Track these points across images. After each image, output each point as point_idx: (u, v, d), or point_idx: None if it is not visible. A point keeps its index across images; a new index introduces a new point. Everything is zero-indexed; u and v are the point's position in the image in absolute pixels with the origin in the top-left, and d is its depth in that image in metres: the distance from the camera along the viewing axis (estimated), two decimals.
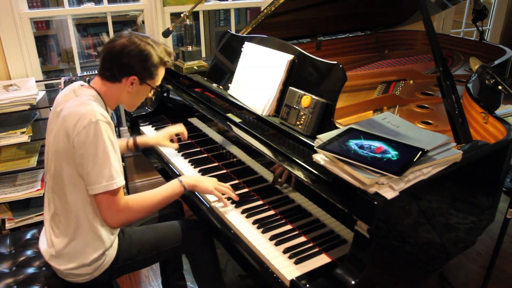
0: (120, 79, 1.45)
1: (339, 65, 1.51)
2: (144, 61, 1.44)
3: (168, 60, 1.52)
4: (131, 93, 1.49)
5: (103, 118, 1.34)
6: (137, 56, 1.43)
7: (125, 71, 1.44)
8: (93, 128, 1.31)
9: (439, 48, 1.49)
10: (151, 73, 1.48)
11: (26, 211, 2.34)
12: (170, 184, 1.56)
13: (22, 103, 2.15)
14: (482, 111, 1.60)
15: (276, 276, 1.28)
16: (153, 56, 1.46)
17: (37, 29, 2.72)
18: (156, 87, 1.54)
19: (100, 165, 1.32)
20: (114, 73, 1.44)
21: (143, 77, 1.47)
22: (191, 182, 1.59)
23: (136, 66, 1.44)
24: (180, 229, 1.67)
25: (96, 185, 1.33)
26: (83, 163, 1.33)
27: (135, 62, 1.43)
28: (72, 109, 1.36)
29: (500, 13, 4.15)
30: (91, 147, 1.31)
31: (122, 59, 1.42)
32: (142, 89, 1.51)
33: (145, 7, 2.64)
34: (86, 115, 1.32)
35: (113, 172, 1.34)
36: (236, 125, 1.70)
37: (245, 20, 3.38)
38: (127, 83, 1.46)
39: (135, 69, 1.44)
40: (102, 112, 1.36)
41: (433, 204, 1.31)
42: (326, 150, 1.21)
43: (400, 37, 2.99)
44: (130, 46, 1.42)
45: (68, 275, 1.48)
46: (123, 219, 1.42)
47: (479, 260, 2.42)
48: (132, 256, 1.58)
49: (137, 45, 1.43)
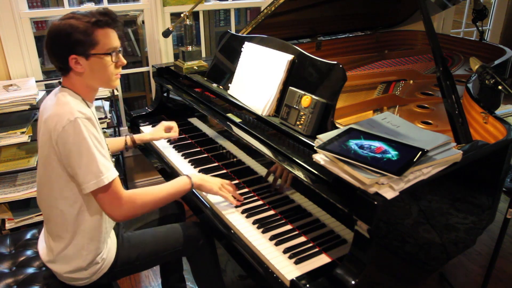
0: (67, 66, 1.35)
1: (339, 65, 1.51)
2: (67, 36, 1.31)
3: (101, 19, 1.34)
4: (88, 72, 1.37)
5: (81, 115, 1.30)
6: (60, 35, 1.32)
7: (61, 56, 1.34)
8: (72, 127, 1.28)
9: (439, 48, 1.49)
10: (86, 43, 1.32)
11: (26, 211, 2.34)
12: (178, 179, 1.54)
13: (22, 103, 2.15)
14: (482, 111, 1.60)
15: (276, 276, 1.28)
16: (74, 26, 1.31)
17: (37, 29, 2.72)
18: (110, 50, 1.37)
19: (86, 163, 1.29)
20: (58, 65, 1.37)
21: (82, 51, 1.33)
22: (198, 181, 1.57)
23: (65, 45, 1.32)
24: (180, 232, 1.66)
25: (86, 184, 1.31)
26: (70, 164, 1.31)
27: (61, 42, 1.32)
28: (50, 111, 1.33)
29: (500, 13, 4.15)
30: (74, 146, 1.29)
31: (52, 47, 1.35)
32: (94, 62, 1.36)
33: (145, 7, 2.64)
34: (63, 115, 1.29)
35: (101, 167, 1.31)
36: (236, 125, 1.70)
37: (245, 20, 3.38)
38: (74, 65, 1.34)
39: (66, 48, 1.32)
40: (80, 108, 1.32)
41: (433, 204, 1.31)
42: (326, 150, 1.21)
43: (400, 37, 2.99)
44: (51, 32, 1.33)
45: (67, 279, 1.48)
46: (127, 212, 1.38)
47: (479, 260, 2.42)
48: (132, 260, 1.57)
49: (55, 27, 1.32)
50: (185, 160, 1.93)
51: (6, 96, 2.15)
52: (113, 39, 1.38)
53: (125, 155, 2.82)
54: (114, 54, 1.39)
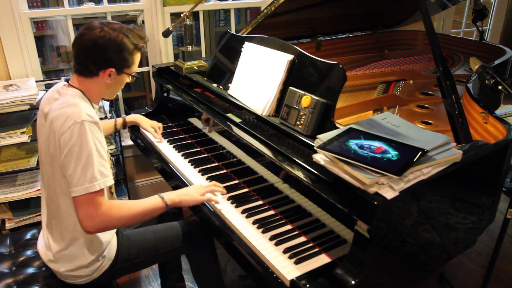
0: (97, 73, 1.41)
1: (339, 65, 1.51)
2: (118, 52, 1.40)
3: (142, 45, 1.48)
4: (110, 84, 1.46)
5: (89, 118, 1.32)
6: (111, 47, 1.38)
7: (101, 64, 1.40)
8: (77, 129, 1.29)
9: (439, 48, 1.49)
10: (127, 62, 1.44)
11: (26, 211, 2.34)
12: (151, 198, 1.48)
13: (22, 103, 2.15)
14: (482, 111, 1.60)
15: (276, 276, 1.28)
16: (126, 45, 1.41)
17: (37, 29, 2.72)
18: (135, 73, 1.51)
19: (82, 166, 1.29)
20: (90, 68, 1.40)
21: (120, 68, 1.44)
22: (176, 199, 1.51)
23: (112, 58, 1.40)
24: (179, 230, 1.67)
25: (78, 187, 1.29)
26: (66, 163, 1.30)
27: (110, 54, 1.39)
28: (59, 110, 1.34)
29: (500, 13, 4.15)
30: (75, 148, 1.29)
31: (96, 53, 1.38)
32: (120, 78, 1.47)
33: (145, 7, 2.64)
34: (71, 116, 1.30)
35: (96, 174, 1.30)
36: (236, 125, 1.70)
37: (245, 20, 3.38)
38: (105, 76, 1.42)
39: (111, 61, 1.40)
40: (89, 111, 1.34)
41: (433, 204, 1.31)
42: (326, 150, 1.21)
43: (400, 37, 2.99)
44: (102, 38, 1.37)
45: (67, 277, 1.49)
46: (100, 224, 1.33)
47: (479, 260, 2.42)
48: (132, 258, 1.58)
49: (109, 36, 1.38)
50: (185, 160, 1.93)
51: (6, 96, 2.15)
52: (138, 63, 1.52)
53: (125, 155, 2.82)
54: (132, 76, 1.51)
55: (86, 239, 1.44)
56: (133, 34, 1.44)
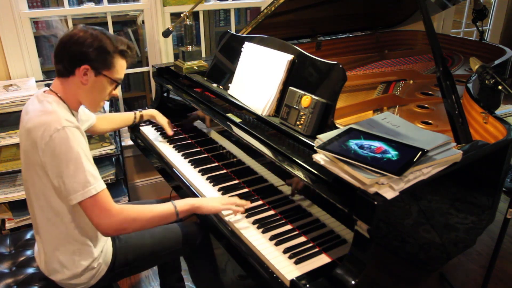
0: (73, 71, 1.34)
1: (339, 65, 1.51)
2: (95, 48, 1.32)
3: (125, 50, 1.40)
4: (87, 87, 1.37)
5: (69, 124, 1.27)
6: (87, 42, 1.32)
7: (76, 60, 1.33)
8: (59, 136, 1.24)
9: (439, 48, 1.49)
10: (105, 62, 1.35)
11: (26, 211, 2.32)
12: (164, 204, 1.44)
13: (22, 103, 2.15)
14: (482, 111, 1.60)
15: (276, 276, 1.28)
16: (105, 44, 1.34)
17: (37, 29, 2.72)
18: (117, 80, 1.42)
19: (73, 172, 1.25)
20: (65, 65, 1.34)
21: (97, 67, 1.35)
22: (196, 204, 1.47)
23: (87, 53, 1.32)
24: (177, 232, 1.66)
25: (74, 194, 1.26)
26: (57, 173, 1.27)
27: (85, 49, 1.31)
28: (36, 119, 1.29)
29: (500, 13, 4.15)
30: (62, 156, 1.25)
31: (71, 47, 1.32)
32: (99, 81, 1.37)
33: (145, 7, 2.64)
34: (51, 124, 1.25)
35: (89, 178, 1.26)
36: (236, 125, 1.70)
37: (245, 20, 3.38)
38: (80, 73, 1.34)
39: (86, 56, 1.32)
40: (67, 117, 1.30)
41: (433, 204, 1.31)
42: (326, 150, 1.21)
43: (400, 37, 2.99)
44: (79, 33, 1.32)
45: (65, 285, 1.47)
46: (117, 225, 1.31)
47: (479, 260, 2.42)
48: (129, 262, 1.57)
49: (89, 33, 1.33)
50: (185, 160, 1.93)
51: (6, 96, 2.15)
52: (123, 72, 1.45)
53: (125, 155, 2.82)
54: (115, 84, 1.44)
55: (74, 245, 1.41)
56: (116, 38, 1.38)
